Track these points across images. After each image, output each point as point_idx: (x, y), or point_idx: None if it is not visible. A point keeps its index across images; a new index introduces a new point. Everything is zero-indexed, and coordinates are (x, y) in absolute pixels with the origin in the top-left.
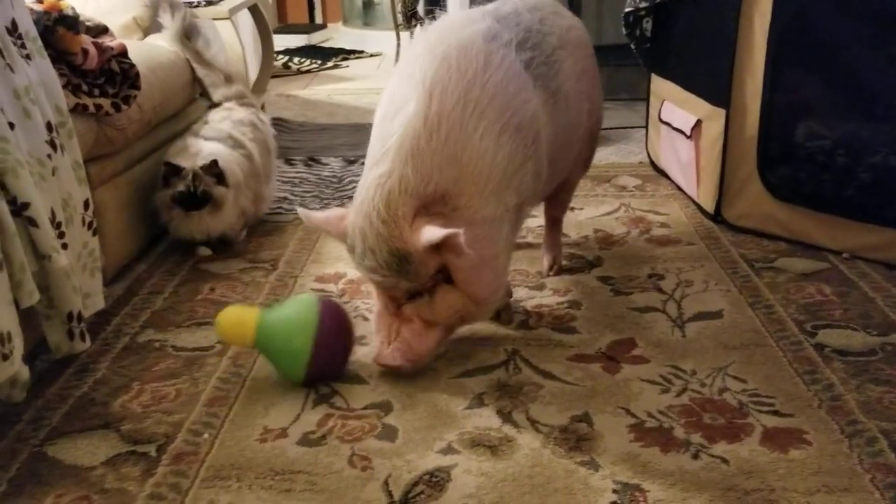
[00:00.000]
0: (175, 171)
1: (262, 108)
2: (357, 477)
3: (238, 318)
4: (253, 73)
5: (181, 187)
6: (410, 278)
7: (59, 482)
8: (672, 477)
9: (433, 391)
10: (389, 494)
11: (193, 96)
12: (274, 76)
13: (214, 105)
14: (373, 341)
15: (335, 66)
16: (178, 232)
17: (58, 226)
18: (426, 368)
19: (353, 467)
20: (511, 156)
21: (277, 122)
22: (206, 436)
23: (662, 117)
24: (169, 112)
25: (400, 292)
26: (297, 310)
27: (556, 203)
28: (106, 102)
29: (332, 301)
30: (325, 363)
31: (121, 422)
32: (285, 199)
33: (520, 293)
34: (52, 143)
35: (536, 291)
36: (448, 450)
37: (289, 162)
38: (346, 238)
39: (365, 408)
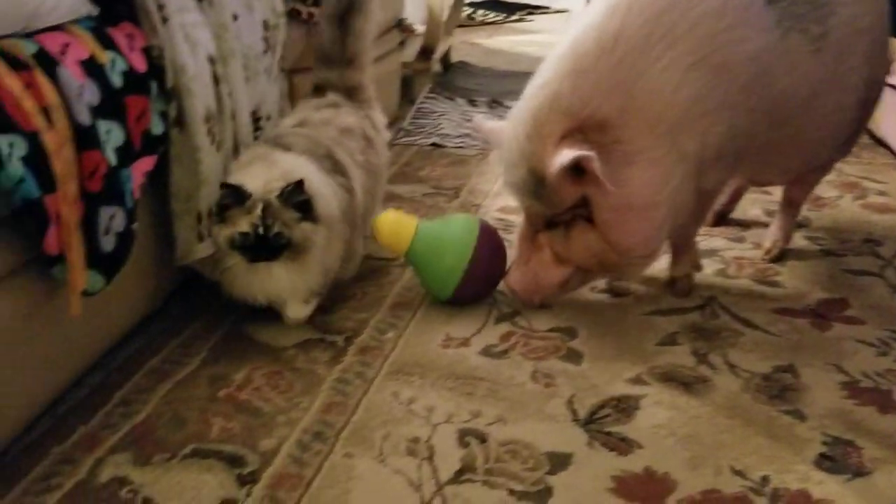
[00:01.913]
0: (237, 197)
1: (448, 55)
2: (540, 392)
3: (396, 225)
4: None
5: (244, 226)
6: (545, 203)
7: (254, 357)
8: (891, 438)
9: (621, 325)
10: (574, 413)
11: (395, 22)
12: (458, 26)
13: (315, 90)
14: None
15: (519, 20)
16: (232, 288)
17: (256, 120)
18: (612, 304)
19: (536, 382)
20: (699, 97)
21: (461, 65)
22: (390, 334)
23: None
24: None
25: (537, 217)
26: (456, 229)
27: (800, 182)
28: (318, 12)
29: (491, 227)
30: (474, 287)
31: (312, 313)
32: (468, 135)
33: (717, 242)
34: (265, 41)
35: (736, 243)
36: (637, 380)
37: (472, 102)
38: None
39: (549, 331)
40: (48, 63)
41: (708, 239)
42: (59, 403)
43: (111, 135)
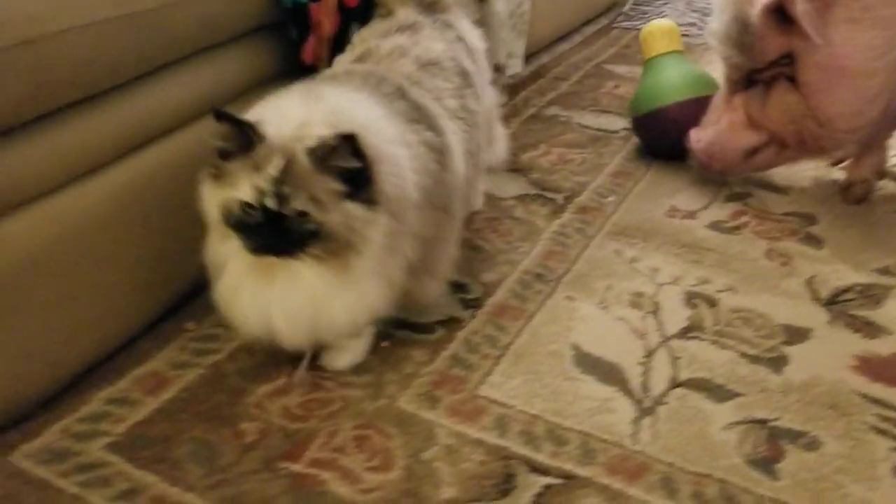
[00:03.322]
0: (243, 138)
1: None
2: (775, 269)
3: (671, 32)
4: None
5: (246, 192)
6: (746, 54)
7: None
8: None
9: (867, 218)
10: (814, 292)
11: None
12: None
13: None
14: None
15: None
16: (226, 302)
17: None
18: (856, 198)
19: (771, 260)
20: None
21: None
22: (611, 198)
23: None
24: None
25: (737, 73)
26: (701, 76)
27: None
28: None
29: None
30: (664, 126)
31: (529, 171)
32: (694, 24)
33: None
34: None
35: None
36: (885, 272)
37: None
38: None
39: (785, 214)
40: None
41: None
42: None
43: None
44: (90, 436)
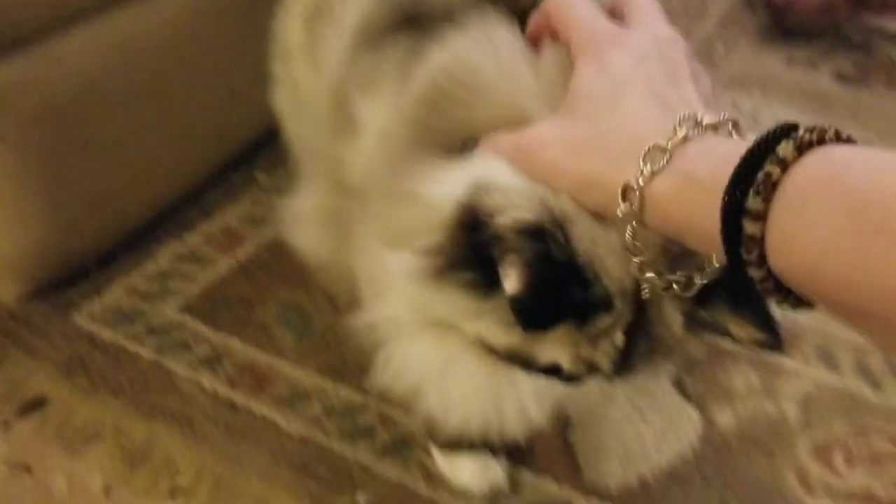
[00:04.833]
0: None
1: None
2: None
3: None
4: None
5: (564, 358)
6: None
7: None
8: None
9: None
10: None
11: None
12: None
13: None
14: None
15: None
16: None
17: None
18: None
19: None
20: None
21: None
22: (719, 46)
23: None
24: None
25: None
26: None
27: None
28: None
29: None
30: None
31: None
32: None
33: None
34: None
35: None
36: None
37: None
38: None
39: None
40: None
41: None
42: None
43: None
44: (160, 295)
